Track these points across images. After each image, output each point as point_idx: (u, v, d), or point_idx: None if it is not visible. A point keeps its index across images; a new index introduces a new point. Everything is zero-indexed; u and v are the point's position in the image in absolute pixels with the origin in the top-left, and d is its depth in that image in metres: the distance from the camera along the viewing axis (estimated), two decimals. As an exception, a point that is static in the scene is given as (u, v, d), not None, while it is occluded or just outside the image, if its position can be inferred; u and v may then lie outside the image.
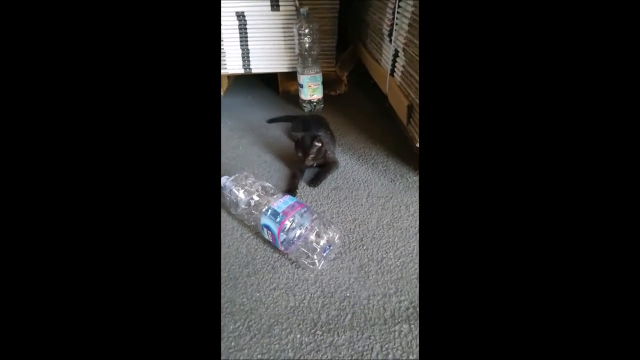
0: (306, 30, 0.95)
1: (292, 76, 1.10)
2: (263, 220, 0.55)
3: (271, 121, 1.02)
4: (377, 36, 0.98)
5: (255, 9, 1.01)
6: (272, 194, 0.61)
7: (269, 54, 1.09)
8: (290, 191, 0.69)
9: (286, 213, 0.54)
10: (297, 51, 1.01)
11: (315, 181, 0.73)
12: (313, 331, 0.44)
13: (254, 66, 1.11)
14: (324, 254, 0.52)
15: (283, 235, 0.53)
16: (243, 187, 0.62)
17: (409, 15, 0.72)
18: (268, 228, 0.55)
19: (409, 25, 0.73)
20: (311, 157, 0.72)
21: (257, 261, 0.55)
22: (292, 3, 1.00)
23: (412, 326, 0.44)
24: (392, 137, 0.89)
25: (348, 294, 0.49)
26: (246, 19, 1.02)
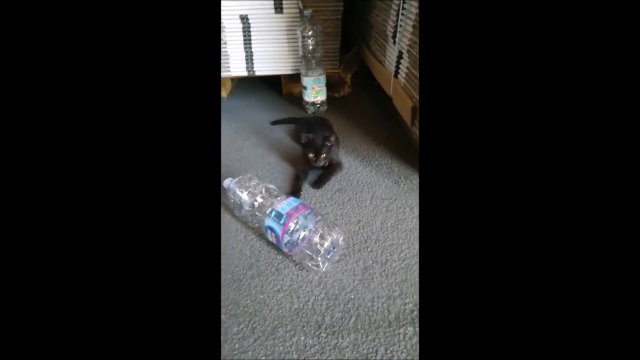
0: (310, 33, 0.96)
1: (296, 78, 1.10)
2: (267, 222, 0.55)
3: (275, 123, 1.02)
4: (381, 38, 0.98)
5: (258, 11, 1.02)
6: (275, 196, 0.61)
7: (272, 56, 1.09)
8: (294, 193, 0.69)
9: (290, 215, 0.54)
10: (300, 53, 1.01)
11: (319, 183, 0.73)
12: (317, 333, 0.44)
13: (257, 68, 1.11)
14: (328, 256, 0.52)
15: (287, 237, 0.53)
16: (247, 189, 0.62)
17: (413, 16, 0.72)
18: (272, 230, 0.54)
19: (413, 27, 0.73)
20: (323, 157, 0.72)
21: (261, 263, 0.55)
22: (295, 5, 1.00)
23: (417, 329, 0.44)
24: (396, 138, 0.89)
25: (352, 296, 0.49)
26: (250, 21, 1.03)
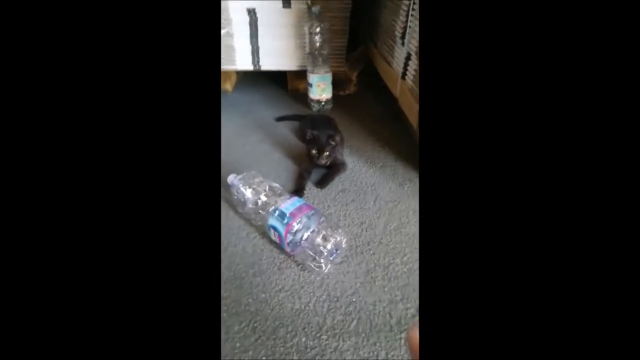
0: (317, 29, 0.95)
1: (302, 75, 1.09)
2: (270, 221, 0.55)
3: (280, 119, 1.02)
4: (389, 38, 0.97)
5: (266, 5, 1.01)
6: (279, 195, 0.60)
7: (279, 51, 1.09)
8: (297, 191, 0.69)
9: (294, 215, 0.53)
10: (307, 50, 1.01)
11: (322, 182, 0.72)
12: (318, 335, 0.44)
13: (263, 63, 1.10)
14: (331, 258, 0.52)
15: (290, 237, 0.53)
16: (251, 186, 0.62)
17: (423, 18, 0.72)
18: (275, 229, 0.54)
19: (423, 29, 0.72)
20: (326, 155, 0.72)
21: (263, 262, 0.55)
22: (303, 1, 0.99)
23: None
24: (401, 140, 0.88)
25: (354, 299, 0.49)
26: (257, 15, 1.02)
